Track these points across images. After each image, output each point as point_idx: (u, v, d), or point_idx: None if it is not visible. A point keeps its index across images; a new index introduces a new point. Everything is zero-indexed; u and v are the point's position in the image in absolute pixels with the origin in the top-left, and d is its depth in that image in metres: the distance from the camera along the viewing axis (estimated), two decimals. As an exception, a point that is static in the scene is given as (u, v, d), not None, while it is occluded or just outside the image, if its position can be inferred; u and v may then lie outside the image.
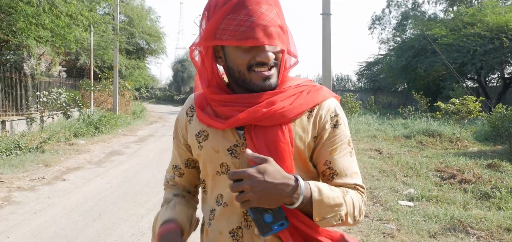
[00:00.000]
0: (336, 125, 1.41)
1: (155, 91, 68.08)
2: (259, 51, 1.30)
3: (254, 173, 1.19)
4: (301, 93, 1.40)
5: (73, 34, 13.45)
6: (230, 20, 1.28)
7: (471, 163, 9.30)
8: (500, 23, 24.27)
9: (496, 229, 5.16)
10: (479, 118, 15.53)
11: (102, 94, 24.24)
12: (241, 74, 1.34)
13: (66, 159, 10.46)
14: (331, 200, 1.28)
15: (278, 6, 1.35)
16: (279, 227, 1.23)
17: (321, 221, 1.28)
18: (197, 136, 1.44)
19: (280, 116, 1.33)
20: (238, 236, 1.37)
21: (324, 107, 1.42)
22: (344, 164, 1.40)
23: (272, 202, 1.20)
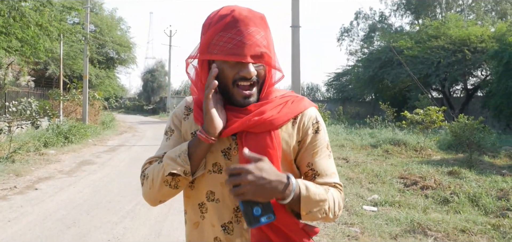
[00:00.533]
0: (317, 130, 1.62)
1: (125, 101, 67.52)
2: (243, 67, 1.48)
3: (253, 169, 1.35)
4: (286, 103, 1.60)
5: (43, 44, 13.44)
6: (221, 37, 1.47)
7: (433, 170, 9.73)
8: (462, 36, 25.17)
9: (452, 231, 5.53)
10: (442, 127, 16.08)
11: (71, 104, 24.06)
12: (227, 87, 1.52)
13: (37, 168, 10.46)
14: (316, 196, 1.46)
15: (266, 29, 1.54)
16: (266, 219, 1.38)
17: (308, 214, 1.46)
18: (192, 135, 1.61)
19: (269, 124, 1.52)
20: (229, 229, 1.54)
21: (307, 115, 1.62)
22: (324, 166, 1.60)
23: (265, 196, 1.36)
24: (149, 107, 57.30)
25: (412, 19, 39.29)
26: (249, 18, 1.49)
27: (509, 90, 19.49)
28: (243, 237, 1.54)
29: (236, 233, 1.54)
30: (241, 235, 1.54)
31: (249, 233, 1.52)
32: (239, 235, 1.54)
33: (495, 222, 5.87)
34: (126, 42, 32.56)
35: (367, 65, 30.71)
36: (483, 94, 26.20)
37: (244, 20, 1.48)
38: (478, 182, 8.52)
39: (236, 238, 1.54)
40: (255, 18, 1.50)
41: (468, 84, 29.16)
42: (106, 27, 29.53)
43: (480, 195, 7.24)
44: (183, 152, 1.49)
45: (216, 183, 1.56)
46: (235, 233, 1.54)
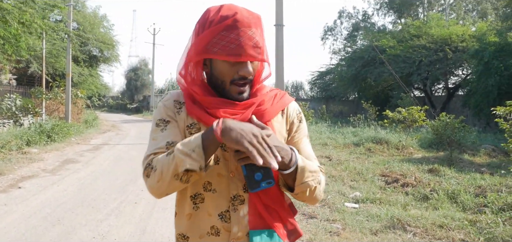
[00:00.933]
0: (301, 120, 1.79)
1: (108, 100, 67.08)
2: (242, 66, 1.57)
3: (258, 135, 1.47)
4: (275, 96, 1.74)
5: (25, 42, 13.35)
6: (222, 37, 1.54)
7: (414, 168, 9.92)
8: (444, 35, 25.54)
9: (431, 226, 5.68)
10: (424, 126, 16.32)
11: (53, 103, 23.85)
12: (224, 83, 1.61)
13: (20, 167, 10.42)
14: (311, 167, 1.61)
15: (262, 28, 1.63)
16: (266, 184, 1.49)
17: (302, 184, 1.58)
18: (188, 127, 1.65)
19: (264, 116, 1.64)
20: (226, 218, 1.60)
21: (291, 107, 1.79)
22: (307, 151, 1.75)
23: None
24: (133, 106, 57.04)
25: (394, 18, 39.76)
26: (249, 20, 1.56)
27: (489, 89, 19.83)
28: (240, 224, 1.60)
29: (233, 221, 1.60)
30: (238, 223, 1.60)
31: (246, 219, 1.61)
32: (237, 223, 1.60)
33: (472, 218, 6.04)
34: (110, 40, 32.29)
35: (350, 64, 30.97)
36: (464, 93, 26.59)
37: (246, 21, 1.55)
38: (457, 180, 8.72)
39: (234, 226, 1.60)
40: (254, 19, 1.58)
41: (449, 83, 29.59)
42: (89, 25, 29.27)
43: (458, 192, 7.43)
44: (198, 146, 1.46)
45: (213, 174, 1.62)
46: (232, 221, 1.60)
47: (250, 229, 1.60)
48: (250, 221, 1.61)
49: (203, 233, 1.62)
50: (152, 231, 5.80)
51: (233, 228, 1.60)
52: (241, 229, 1.60)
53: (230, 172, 1.62)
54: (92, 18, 30.69)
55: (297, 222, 1.81)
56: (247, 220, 1.61)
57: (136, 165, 11.31)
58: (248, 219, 1.61)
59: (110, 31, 33.70)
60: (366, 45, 31.29)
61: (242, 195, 1.62)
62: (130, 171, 10.32)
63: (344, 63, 34.03)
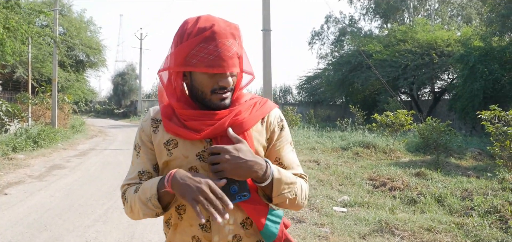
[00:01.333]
0: (282, 128, 1.78)
1: (94, 105, 66.66)
2: (222, 77, 1.59)
3: (231, 149, 1.51)
4: (255, 105, 1.73)
5: (10, 47, 13.23)
6: (201, 49, 1.54)
7: (401, 172, 9.99)
8: (429, 40, 25.79)
9: (418, 229, 5.72)
10: (411, 130, 16.44)
11: (39, 108, 23.65)
12: (204, 94, 1.62)
13: (5, 173, 10.32)
14: (287, 178, 1.61)
15: (239, 37, 1.64)
16: (241, 197, 1.54)
17: (279, 196, 1.60)
18: (166, 144, 1.67)
19: (241, 126, 1.64)
20: (206, 227, 1.62)
21: (272, 115, 1.77)
22: (289, 159, 1.75)
23: (241, 174, 1.51)
24: (120, 111, 56.68)
25: (381, 23, 39.98)
26: (227, 31, 1.57)
27: (474, 93, 20.04)
28: (220, 234, 1.62)
29: (214, 231, 1.62)
30: (218, 232, 1.62)
31: (227, 229, 1.63)
32: (217, 232, 1.62)
33: (459, 221, 6.09)
34: (96, 44, 32.13)
35: (337, 69, 31.07)
36: (450, 97, 26.84)
37: (223, 32, 1.56)
38: (444, 183, 8.79)
39: (214, 236, 1.62)
40: (231, 30, 1.59)
41: (435, 88, 29.84)
42: (75, 29, 29.12)
43: (445, 195, 7.50)
44: (153, 196, 1.54)
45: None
46: (212, 230, 1.62)
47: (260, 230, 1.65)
48: (232, 230, 1.64)
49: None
50: (140, 237, 5.77)
51: (214, 238, 1.62)
52: (222, 238, 1.63)
53: None
54: (78, 22, 30.50)
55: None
56: (228, 230, 1.63)
57: (124, 170, 11.24)
58: (229, 228, 1.63)
59: (96, 35, 33.53)
60: (353, 50, 31.44)
61: None
62: (117, 176, 10.26)
63: (331, 68, 34.11)
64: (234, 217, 1.64)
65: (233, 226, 1.64)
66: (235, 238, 1.65)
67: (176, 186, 1.48)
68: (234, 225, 1.64)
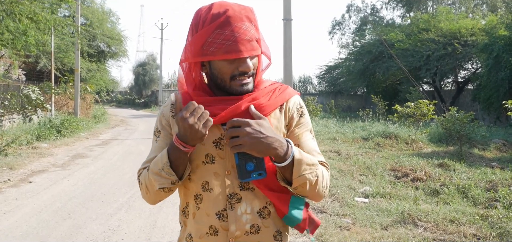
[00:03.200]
0: (302, 114, 1.73)
1: (116, 95, 67.32)
2: (241, 62, 1.56)
3: (253, 123, 1.47)
4: (274, 91, 1.68)
5: (34, 37, 13.38)
6: (217, 35, 1.51)
7: (423, 163, 9.87)
8: (453, 29, 25.33)
9: (441, 221, 5.64)
10: (433, 121, 16.23)
11: (62, 98, 23.99)
12: (224, 81, 1.59)
13: (30, 162, 10.48)
14: (309, 160, 1.56)
15: (255, 20, 1.60)
16: (257, 175, 1.50)
17: (300, 177, 1.53)
18: None
19: (260, 111, 1.59)
20: (223, 216, 1.59)
21: (291, 102, 1.72)
22: (309, 146, 1.69)
23: (261, 150, 1.47)
24: (141, 101, 57.22)
25: (403, 12, 39.45)
26: (242, 14, 1.54)
27: (499, 84, 19.68)
28: (238, 223, 1.59)
29: (231, 220, 1.59)
30: (235, 221, 1.59)
31: (244, 218, 1.59)
32: (234, 221, 1.59)
33: (483, 212, 6.00)
34: (117, 35, 32.40)
35: (358, 59, 30.82)
36: (474, 87, 26.40)
37: (239, 16, 1.53)
38: (467, 174, 8.66)
39: (231, 225, 1.59)
40: (246, 13, 1.56)
41: (458, 77, 29.39)
42: (97, 20, 29.38)
43: (469, 186, 7.38)
44: (165, 165, 1.55)
45: (210, 173, 1.62)
46: (229, 220, 1.59)
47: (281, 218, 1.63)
48: (250, 220, 1.61)
49: (203, 233, 1.63)
50: (162, 225, 5.81)
51: (231, 227, 1.59)
52: (239, 228, 1.59)
53: (226, 171, 1.60)
54: (100, 13, 30.76)
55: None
56: (245, 219, 1.60)
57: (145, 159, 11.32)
58: (246, 218, 1.60)
59: (117, 26, 33.79)
60: (375, 39, 31.11)
61: (239, 193, 1.60)
62: (139, 165, 10.22)
63: (352, 57, 33.84)
64: (251, 206, 1.61)
65: (250, 215, 1.60)
66: (253, 228, 1.61)
67: (180, 133, 1.50)
68: (251, 214, 1.61)
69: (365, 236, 5.21)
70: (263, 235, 1.62)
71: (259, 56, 1.65)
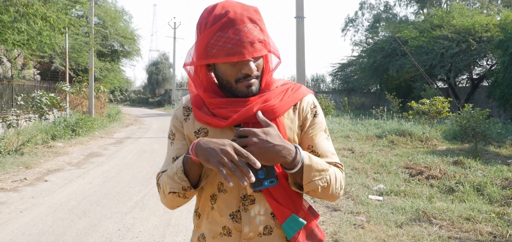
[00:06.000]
0: (315, 114, 1.70)
1: (130, 94, 67.69)
2: (244, 64, 1.53)
3: (259, 132, 1.45)
4: (287, 91, 1.66)
5: (49, 37, 13.50)
6: (219, 37, 1.49)
7: (438, 160, 9.80)
8: (467, 26, 25.03)
9: (457, 219, 5.60)
10: (448, 118, 16.08)
11: (77, 97, 24.19)
12: (229, 83, 1.58)
13: (45, 161, 10.59)
14: (319, 165, 1.53)
15: (261, 21, 1.56)
16: (269, 183, 1.48)
17: (310, 183, 1.51)
18: (196, 133, 1.65)
19: (272, 112, 1.58)
20: (237, 218, 1.59)
21: (305, 101, 1.69)
22: (323, 147, 1.66)
23: (269, 159, 1.44)
24: (154, 99, 57.50)
25: (417, 9, 39.20)
26: (244, 16, 1.51)
27: (515, 80, 19.43)
28: (251, 225, 1.59)
29: (244, 221, 1.59)
30: (249, 223, 1.59)
31: (257, 219, 1.59)
32: (247, 223, 1.59)
33: (499, 210, 5.93)
34: (130, 34, 32.53)
35: (372, 56, 30.63)
36: (489, 84, 26.09)
37: (240, 17, 1.51)
38: (483, 172, 8.58)
39: (245, 226, 1.59)
40: (249, 14, 1.53)
41: (473, 74, 29.08)
42: (110, 19, 29.52)
43: (485, 184, 7.31)
44: (179, 169, 1.53)
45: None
46: (243, 221, 1.59)
47: (281, 224, 1.59)
48: (263, 221, 1.60)
49: (216, 233, 1.63)
50: (176, 224, 5.84)
51: (244, 228, 1.59)
52: (252, 229, 1.59)
53: None
54: (113, 12, 30.91)
55: (321, 215, 1.75)
56: (259, 220, 1.59)
57: (159, 158, 11.40)
58: (260, 219, 1.59)
59: (130, 25, 33.93)
60: (388, 36, 30.90)
61: (252, 195, 1.59)
62: (153, 164, 10.41)
63: (365, 55, 33.67)
64: (265, 208, 1.60)
65: (264, 216, 1.59)
66: (266, 229, 1.60)
67: (200, 151, 1.45)
68: (265, 215, 1.60)
69: (379, 234, 5.18)
70: (276, 236, 1.61)
71: (266, 56, 1.62)
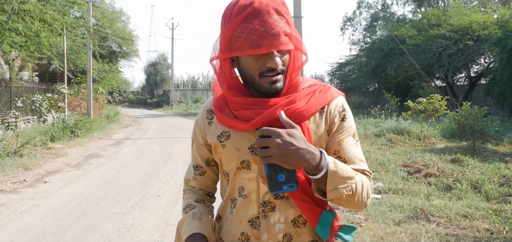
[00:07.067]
0: (344, 118, 1.58)
1: (128, 95, 67.64)
2: (269, 58, 1.43)
3: (283, 133, 1.35)
4: (314, 93, 1.56)
5: (47, 39, 13.51)
6: (243, 29, 1.41)
7: (436, 158, 9.84)
8: (464, 24, 25.06)
9: (454, 216, 5.64)
10: (446, 116, 16.13)
11: (75, 99, 24.20)
12: (252, 78, 1.49)
13: (45, 162, 10.61)
14: (344, 172, 1.42)
15: (288, 14, 1.48)
16: (288, 188, 1.39)
17: (333, 191, 1.41)
18: (219, 137, 1.58)
19: (297, 116, 1.48)
20: (256, 224, 1.54)
21: (333, 104, 1.58)
22: (351, 153, 1.54)
23: (291, 162, 1.36)
24: (153, 100, 57.48)
25: (414, 7, 39.20)
26: (269, 6, 1.43)
27: (513, 78, 19.49)
28: (270, 232, 1.53)
29: (263, 228, 1.53)
30: (267, 230, 1.53)
31: (277, 227, 1.53)
32: (266, 230, 1.53)
33: (497, 207, 5.97)
34: (128, 34, 32.53)
35: (370, 55, 30.67)
36: (487, 82, 26.15)
37: (266, 8, 1.42)
38: (480, 169, 8.62)
39: (263, 233, 1.53)
40: (275, 5, 1.45)
41: (471, 72, 29.14)
42: (107, 20, 29.51)
43: (482, 181, 7.36)
44: (182, 240, 1.58)
45: (245, 179, 1.57)
46: (262, 228, 1.53)
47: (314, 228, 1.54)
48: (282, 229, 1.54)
49: (234, 239, 1.59)
50: (175, 224, 5.83)
51: (263, 236, 1.53)
52: (271, 237, 1.53)
53: (260, 178, 1.53)
54: (110, 13, 30.91)
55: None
56: (278, 228, 1.53)
57: (158, 159, 11.44)
58: (280, 227, 1.53)
59: (127, 25, 33.94)
60: (385, 35, 30.94)
61: (273, 202, 1.53)
62: (152, 165, 10.44)
63: (363, 54, 33.69)
64: (285, 215, 1.53)
65: (284, 224, 1.53)
66: (286, 237, 1.53)
67: None
68: (285, 223, 1.53)
69: (377, 231, 5.22)
70: None
71: (292, 52, 1.51)
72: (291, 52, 1.51)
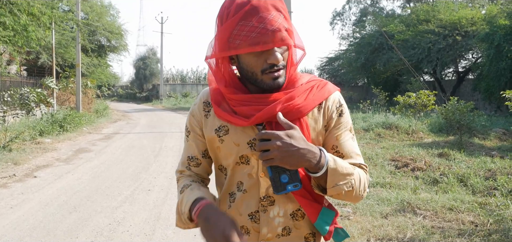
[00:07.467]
0: (341, 113, 1.61)
1: (117, 89, 67.36)
2: (270, 54, 1.45)
3: (282, 135, 1.37)
4: (312, 88, 1.58)
5: (35, 33, 13.43)
6: (242, 27, 1.42)
7: (423, 153, 9.97)
8: (453, 20, 25.27)
9: (440, 209, 5.75)
10: (434, 111, 16.28)
11: (64, 93, 24.09)
12: (254, 75, 1.50)
13: (34, 157, 10.58)
14: (344, 169, 1.46)
15: (285, 9, 1.48)
16: (292, 187, 1.43)
17: (334, 188, 1.45)
18: (217, 131, 1.59)
19: (296, 112, 1.52)
20: (255, 218, 1.56)
21: (331, 99, 1.61)
22: (348, 147, 1.59)
23: (293, 163, 1.38)
24: (142, 95, 57.24)
25: (403, 2, 39.40)
26: (267, 3, 1.43)
27: (500, 73, 19.70)
28: (269, 226, 1.56)
29: (263, 222, 1.56)
30: (267, 224, 1.56)
31: (276, 221, 1.56)
32: (266, 224, 1.56)
33: (482, 200, 6.09)
34: (117, 29, 32.38)
35: (359, 51, 30.84)
36: (474, 77, 26.41)
37: (264, 5, 1.43)
38: (467, 163, 8.76)
39: (263, 227, 1.56)
40: (273, 2, 1.45)
41: (459, 67, 29.40)
42: (96, 14, 29.34)
43: (468, 175, 7.48)
44: (185, 214, 1.55)
45: (244, 174, 1.59)
46: (261, 222, 1.56)
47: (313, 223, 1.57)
48: (281, 223, 1.57)
49: None
50: (166, 217, 5.91)
51: (263, 229, 1.57)
52: (270, 231, 1.57)
53: (260, 172, 1.56)
54: (99, 7, 30.74)
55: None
56: (277, 222, 1.56)
57: (148, 153, 11.45)
58: (279, 220, 1.56)
59: (116, 19, 33.79)
60: (375, 30, 31.09)
61: (272, 196, 1.56)
62: (141, 159, 10.46)
63: (352, 49, 33.83)
64: (284, 209, 1.56)
65: (283, 218, 1.56)
66: (285, 231, 1.57)
67: (201, 223, 1.47)
68: (284, 217, 1.56)
69: (365, 224, 5.31)
70: (294, 237, 1.59)
71: (290, 47, 1.53)
72: (289, 48, 1.53)
